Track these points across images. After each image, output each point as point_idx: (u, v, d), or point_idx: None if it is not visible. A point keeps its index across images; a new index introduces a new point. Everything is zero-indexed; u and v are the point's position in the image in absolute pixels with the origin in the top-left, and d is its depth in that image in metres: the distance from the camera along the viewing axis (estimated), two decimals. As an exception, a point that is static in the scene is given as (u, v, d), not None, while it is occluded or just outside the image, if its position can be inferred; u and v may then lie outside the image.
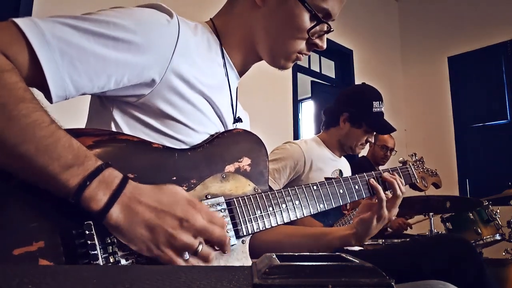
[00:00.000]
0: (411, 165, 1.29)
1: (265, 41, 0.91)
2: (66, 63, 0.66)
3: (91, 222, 0.63)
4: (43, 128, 0.60)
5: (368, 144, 2.03)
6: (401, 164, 1.29)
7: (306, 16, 0.87)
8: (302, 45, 0.91)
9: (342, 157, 2.10)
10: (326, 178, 1.95)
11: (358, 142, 1.96)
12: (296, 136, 4.02)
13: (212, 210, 0.77)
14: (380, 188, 1.09)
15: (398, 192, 1.11)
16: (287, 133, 3.81)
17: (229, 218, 0.80)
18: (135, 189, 0.65)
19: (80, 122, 0.90)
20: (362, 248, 2.16)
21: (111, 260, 0.64)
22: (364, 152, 3.68)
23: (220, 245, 0.70)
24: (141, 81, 0.75)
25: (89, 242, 0.62)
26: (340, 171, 2.03)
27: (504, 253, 2.77)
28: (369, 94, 1.95)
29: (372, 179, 1.10)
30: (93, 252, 0.62)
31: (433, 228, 2.56)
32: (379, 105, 1.92)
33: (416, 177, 1.29)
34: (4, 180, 0.61)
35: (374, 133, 2.00)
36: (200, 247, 0.66)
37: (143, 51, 0.73)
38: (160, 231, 0.64)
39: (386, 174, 1.13)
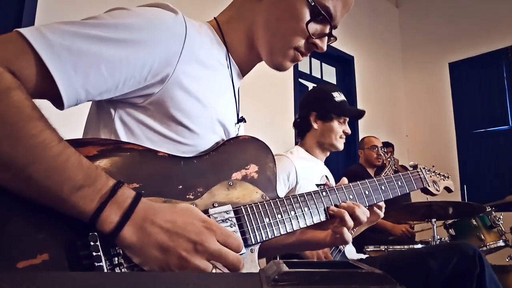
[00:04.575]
0: (422, 169, 1.27)
1: (264, 34, 0.90)
2: (79, 74, 0.65)
3: (96, 233, 0.62)
4: (52, 148, 0.59)
5: (345, 136, 2.02)
6: (411, 168, 1.27)
7: (306, 10, 0.85)
8: (300, 41, 0.88)
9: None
10: (317, 185, 1.96)
11: (336, 135, 1.99)
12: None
13: (219, 218, 0.76)
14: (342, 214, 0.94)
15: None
16: (289, 140, 3.80)
17: (237, 227, 0.78)
18: (149, 208, 0.65)
19: (80, 122, 0.89)
20: (368, 256, 2.15)
21: (117, 271, 0.63)
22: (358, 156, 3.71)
23: (233, 270, 0.68)
24: (151, 82, 0.75)
25: (94, 253, 0.61)
26: (326, 176, 2.04)
27: (507, 260, 2.75)
28: (326, 89, 2.06)
29: (332, 207, 0.95)
30: (98, 264, 0.61)
31: (435, 234, 2.54)
32: (339, 95, 2.01)
33: (428, 181, 1.27)
34: (8, 192, 0.59)
35: (347, 121, 2.02)
36: (213, 271, 0.65)
37: (152, 48, 0.73)
38: (173, 253, 0.63)
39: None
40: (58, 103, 0.66)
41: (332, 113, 1.98)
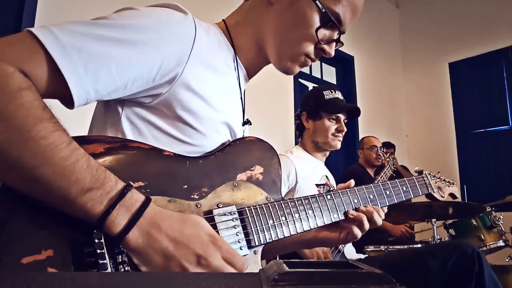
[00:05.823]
0: (427, 174, 1.27)
1: (273, 39, 0.90)
2: (89, 74, 0.65)
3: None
4: (62, 150, 0.59)
5: (341, 133, 2.01)
6: (416, 174, 1.27)
7: (316, 16, 0.86)
8: (310, 47, 0.89)
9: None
10: (316, 185, 1.96)
11: (328, 133, 1.99)
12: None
13: (223, 219, 0.77)
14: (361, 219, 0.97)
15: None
16: (289, 140, 3.81)
17: (241, 228, 0.79)
18: (158, 214, 0.65)
19: (84, 120, 0.89)
20: (367, 256, 2.16)
21: (121, 269, 0.63)
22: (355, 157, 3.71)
23: None
24: (160, 82, 0.75)
25: (98, 251, 0.61)
26: (326, 176, 2.05)
27: (507, 260, 2.75)
28: (318, 89, 2.10)
29: (352, 211, 0.97)
30: (102, 262, 0.61)
31: (435, 234, 2.54)
32: (331, 93, 2.01)
33: (433, 187, 1.27)
34: (14, 190, 0.60)
35: (342, 118, 2.00)
36: None
37: (162, 49, 0.73)
38: (175, 262, 0.63)
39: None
40: (68, 103, 0.66)
41: (321, 110, 1.99)
